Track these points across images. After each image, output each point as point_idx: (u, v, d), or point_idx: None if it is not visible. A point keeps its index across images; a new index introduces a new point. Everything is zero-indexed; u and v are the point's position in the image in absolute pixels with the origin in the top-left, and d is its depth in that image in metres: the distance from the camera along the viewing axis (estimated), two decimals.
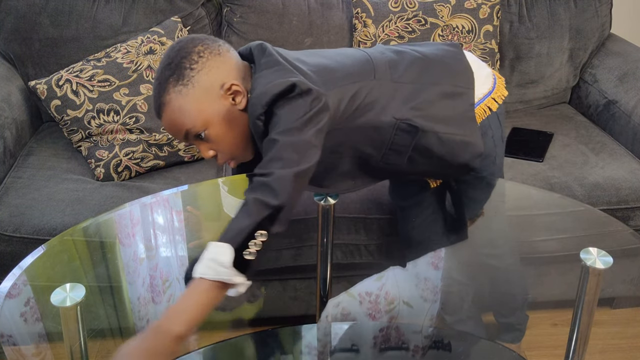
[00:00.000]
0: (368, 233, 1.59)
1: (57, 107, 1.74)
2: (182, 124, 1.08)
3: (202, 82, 1.07)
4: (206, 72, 1.07)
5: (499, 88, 1.31)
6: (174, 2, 1.97)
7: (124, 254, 1.34)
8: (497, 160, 1.35)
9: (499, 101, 1.29)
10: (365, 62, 1.19)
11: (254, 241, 0.93)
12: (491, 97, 1.29)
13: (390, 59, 1.22)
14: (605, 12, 2.16)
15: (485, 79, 1.29)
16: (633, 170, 1.76)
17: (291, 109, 1.03)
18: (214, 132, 1.09)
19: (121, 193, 1.63)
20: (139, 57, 1.81)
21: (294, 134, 1.01)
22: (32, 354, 1.08)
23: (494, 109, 1.29)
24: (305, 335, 1.36)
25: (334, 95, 1.11)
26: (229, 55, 1.11)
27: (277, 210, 0.95)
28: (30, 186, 1.64)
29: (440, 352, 1.31)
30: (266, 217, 0.94)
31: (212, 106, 1.08)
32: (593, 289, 1.19)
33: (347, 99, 1.13)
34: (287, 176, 0.97)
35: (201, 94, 1.07)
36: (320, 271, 1.43)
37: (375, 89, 1.16)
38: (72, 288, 1.07)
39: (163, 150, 1.77)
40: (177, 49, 1.09)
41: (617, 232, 1.35)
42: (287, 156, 0.99)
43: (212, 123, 1.08)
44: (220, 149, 1.11)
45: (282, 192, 0.96)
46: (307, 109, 1.03)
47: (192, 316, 0.89)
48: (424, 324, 1.41)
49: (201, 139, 1.09)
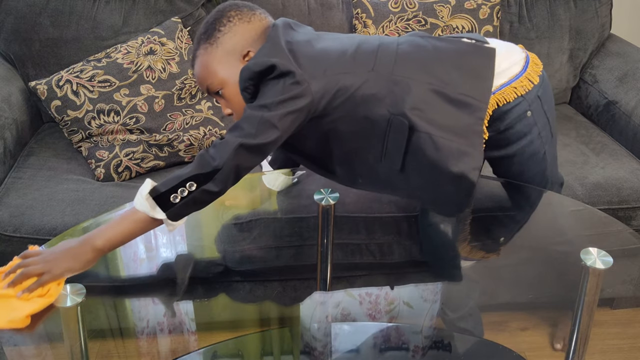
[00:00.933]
0: (369, 233, 1.59)
1: (57, 107, 1.75)
2: (205, 78, 1.19)
3: (225, 44, 1.17)
4: (231, 36, 1.17)
5: (526, 76, 1.26)
6: (174, 2, 1.97)
7: (124, 254, 1.34)
8: (547, 157, 1.32)
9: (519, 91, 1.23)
10: (369, 53, 1.19)
11: (182, 188, 1.06)
12: (511, 86, 1.23)
13: (403, 52, 1.20)
14: (605, 12, 2.16)
15: (511, 65, 1.25)
16: (634, 171, 1.76)
17: (270, 88, 1.11)
18: (228, 92, 1.18)
19: (121, 193, 1.63)
20: (139, 57, 1.81)
21: (262, 110, 1.09)
22: (32, 355, 1.08)
23: (522, 91, 1.24)
24: (305, 335, 1.36)
25: (322, 83, 1.13)
26: (259, 25, 1.19)
27: (213, 171, 1.06)
28: (30, 186, 1.64)
29: (440, 353, 1.31)
30: (202, 173, 1.06)
31: (230, 68, 1.17)
32: (593, 289, 1.19)
33: (336, 88, 1.14)
34: (233, 144, 1.06)
35: (222, 55, 1.17)
36: (320, 271, 1.43)
37: (372, 81, 1.16)
38: (72, 288, 1.07)
39: (163, 150, 1.77)
40: (216, 11, 1.20)
41: (617, 232, 1.35)
42: (245, 127, 1.08)
43: (228, 83, 1.17)
44: (235, 108, 1.20)
45: (222, 157, 1.06)
46: (283, 90, 1.09)
47: (114, 236, 1.07)
48: (424, 324, 1.41)
49: (219, 95, 1.20)
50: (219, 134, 1.85)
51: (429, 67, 1.19)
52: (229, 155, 1.06)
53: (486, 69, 1.22)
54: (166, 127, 1.79)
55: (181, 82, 1.84)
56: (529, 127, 1.27)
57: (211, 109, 1.89)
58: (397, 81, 1.17)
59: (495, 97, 1.22)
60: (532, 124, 1.27)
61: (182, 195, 1.06)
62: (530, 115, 1.26)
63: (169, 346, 1.32)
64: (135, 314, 1.35)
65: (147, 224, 1.08)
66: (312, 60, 1.14)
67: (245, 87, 1.14)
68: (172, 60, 1.85)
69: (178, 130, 1.80)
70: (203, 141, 1.82)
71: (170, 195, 1.06)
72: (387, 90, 1.16)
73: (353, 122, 1.17)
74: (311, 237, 1.52)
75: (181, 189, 1.06)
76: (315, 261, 1.44)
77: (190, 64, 1.23)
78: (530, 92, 1.25)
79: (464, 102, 1.18)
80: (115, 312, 1.34)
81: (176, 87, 1.83)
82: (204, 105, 1.88)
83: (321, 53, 1.16)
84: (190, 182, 1.06)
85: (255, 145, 1.07)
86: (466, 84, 1.19)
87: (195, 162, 1.07)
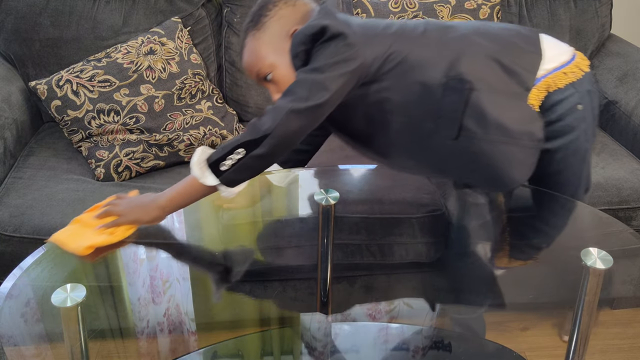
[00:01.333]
0: (369, 233, 1.59)
1: (57, 107, 1.74)
2: (254, 65, 1.20)
3: (272, 28, 1.19)
4: (276, 20, 1.19)
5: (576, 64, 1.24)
6: (174, 2, 1.97)
7: (124, 254, 1.34)
8: (587, 157, 1.30)
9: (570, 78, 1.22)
10: (417, 24, 1.20)
11: (231, 155, 1.09)
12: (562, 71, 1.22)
13: (450, 23, 1.21)
14: (605, 12, 2.16)
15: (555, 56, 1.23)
16: (634, 171, 1.76)
17: (322, 51, 1.11)
18: (278, 74, 1.18)
19: (121, 193, 1.63)
20: (139, 57, 1.81)
21: (313, 73, 1.09)
22: (32, 355, 1.08)
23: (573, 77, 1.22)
24: (305, 335, 1.36)
25: (373, 47, 1.14)
26: (304, 9, 1.21)
27: (263, 136, 1.07)
28: (30, 186, 1.64)
29: (440, 352, 1.31)
30: (252, 139, 1.07)
31: (278, 49, 1.18)
32: (593, 289, 1.19)
33: (388, 52, 1.15)
34: (284, 109, 1.07)
35: (270, 39, 1.19)
36: (320, 271, 1.43)
37: (424, 45, 1.16)
38: (72, 288, 1.07)
39: (163, 150, 1.77)
40: (260, 1, 1.22)
41: (617, 232, 1.35)
42: (297, 91, 1.09)
43: (277, 65, 1.18)
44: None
45: (273, 122, 1.07)
46: (335, 52, 1.10)
47: (176, 199, 1.15)
48: (424, 324, 1.41)
49: (269, 81, 1.20)
50: (219, 133, 1.85)
51: (480, 34, 1.19)
52: (279, 120, 1.07)
53: (535, 42, 1.22)
54: (166, 127, 1.79)
55: (181, 82, 1.84)
56: (577, 122, 1.23)
57: (211, 109, 1.89)
58: (449, 45, 1.17)
59: (546, 81, 1.20)
60: (580, 118, 1.23)
61: (231, 162, 1.08)
62: (580, 109, 1.23)
63: (169, 346, 1.32)
64: (135, 314, 1.35)
65: (202, 190, 1.13)
66: (363, 26, 1.16)
67: (296, 53, 1.14)
68: (172, 60, 1.85)
69: (178, 130, 1.80)
70: (203, 141, 1.82)
71: (221, 163, 1.09)
72: (439, 54, 1.16)
73: (405, 89, 1.16)
74: (311, 238, 1.52)
75: (230, 156, 1.08)
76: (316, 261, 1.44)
77: (240, 56, 1.25)
78: (582, 84, 1.23)
79: (514, 70, 1.17)
80: (115, 312, 1.34)
81: (176, 87, 1.83)
82: (204, 105, 1.88)
83: (371, 22, 1.19)
84: (240, 148, 1.08)
85: (306, 108, 1.07)
86: (517, 54, 1.19)
87: (247, 129, 1.10)
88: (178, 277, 1.35)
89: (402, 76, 1.15)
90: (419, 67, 1.15)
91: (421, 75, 1.15)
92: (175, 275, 1.36)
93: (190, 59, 1.89)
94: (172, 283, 1.35)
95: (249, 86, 2.01)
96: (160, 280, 1.34)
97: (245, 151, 1.08)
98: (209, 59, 2.01)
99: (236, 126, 1.93)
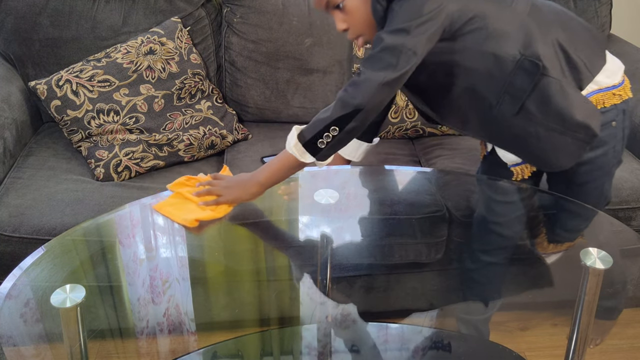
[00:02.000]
0: (369, 234, 1.59)
1: (57, 107, 1.74)
2: None
3: None
4: None
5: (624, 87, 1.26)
6: (174, 2, 1.97)
7: (124, 254, 1.34)
8: (612, 173, 1.32)
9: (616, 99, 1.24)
10: None
11: (327, 133, 1.11)
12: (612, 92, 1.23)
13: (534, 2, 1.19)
14: (605, 12, 2.16)
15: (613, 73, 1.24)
16: (633, 171, 1.76)
17: (407, 8, 1.07)
18: (351, 4, 1.15)
19: (121, 193, 1.63)
20: (139, 57, 1.81)
21: (401, 36, 1.06)
22: (31, 355, 1.08)
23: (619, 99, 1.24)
24: (305, 335, 1.36)
25: (460, 4, 1.11)
26: None
27: (356, 111, 1.06)
28: (30, 186, 1.64)
29: (440, 353, 1.31)
30: (344, 115, 1.08)
31: None
32: (593, 289, 1.19)
33: (473, 13, 1.12)
34: (375, 81, 1.06)
35: None
36: (320, 271, 1.43)
37: (508, 17, 1.14)
38: (72, 289, 1.07)
39: (163, 150, 1.77)
40: None
41: (617, 232, 1.35)
42: (386, 58, 1.06)
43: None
44: (353, 22, 1.17)
45: (364, 95, 1.06)
46: (421, 12, 1.06)
47: (272, 173, 1.24)
48: (424, 324, 1.41)
49: (339, 8, 1.16)
50: (219, 133, 1.85)
51: (559, 21, 1.19)
52: (371, 93, 1.06)
53: (602, 46, 1.24)
54: (166, 127, 1.79)
55: (181, 81, 1.84)
56: (609, 137, 1.25)
57: (211, 109, 1.89)
58: (531, 24, 1.15)
59: (597, 97, 1.22)
60: (612, 135, 1.25)
61: (327, 140, 1.12)
62: (614, 126, 1.25)
63: (169, 346, 1.32)
64: (135, 314, 1.35)
65: (298, 166, 1.21)
66: None
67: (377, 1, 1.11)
68: (172, 60, 1.85)
69: (178, 130, 1.80)
70: (202, 141, 1.82)
71: (317, 141, 1.13)
72: (520, 31, 1.14)
73: (478, 56, 1.15)
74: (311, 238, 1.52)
75: (326, 134, 1.11)
76: None
77: None
78: (621, 103, 1.25)
79: (577, 66, 1.18)
80: (115, 312, 1.34)
81: (176, 86, 1.83)
82: (204, 104, 1.88)
83: None
84: (333, 126, 1.09)
85: (397, 77, 1.07)
86: (585, 50, 1.20)
87: (336, 104, 1.10)
88: (178, 277, 1.35)
89: (479, 43, 1.14)
90: (497, 38, 1.14)
91: (498, 47, 1.14)
92: (175, 275, 1.36)
93: (190, 59, 1.89)
94: (171, 283, 1.35)
95: (249, 86, 2.01)
96: (160, 280, 1.34)
97: (338, 128, 1.10)
98: (208, 59, 2.01)
99: (236, 126, 1.92)
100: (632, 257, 1.31)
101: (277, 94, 2.02)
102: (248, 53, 1.99)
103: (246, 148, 1.89)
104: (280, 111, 2.04)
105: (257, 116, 2.06)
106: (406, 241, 1.59)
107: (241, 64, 2.00)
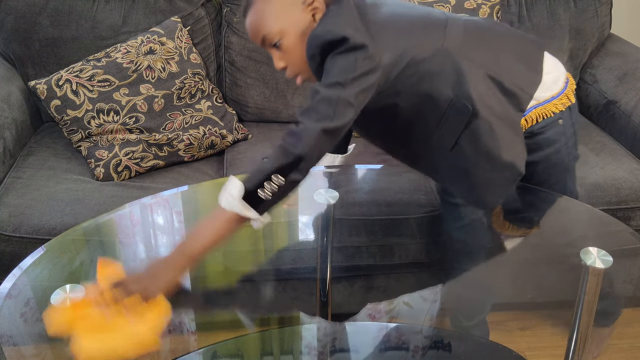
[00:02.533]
0: (368, 234, 1.59)
1: (57, 107, 1.74)
2: (262, 28, 1.13)
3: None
4: None
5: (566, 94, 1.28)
6: (173, 2, 1.97)
7: (124, 254, 1.34)
8: (569, 169, 1.34)
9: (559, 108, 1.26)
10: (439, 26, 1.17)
11: (268, 182, 1.02)
12: (552, 103, 1.25)
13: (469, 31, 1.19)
14: (605, 12, 2.16)
15: (552, 83, 1.26)
16: (633, 171, 1.76)
17: (341, 62, 1.07)
18: (287, 42, 1.13)
19: (121, 193, 1.63)
20: (139, 57, 1.81)
21: (336, 89, 1.05)
22: (32, 355, 1.08)
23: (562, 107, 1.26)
24: (305, 335, 1.36)
25: (393, 56, 1.11)
26: None
27: (297, 160, 1.02)
28: (30, 186, 1.64)
29: (440, 352, 1.31)
30: (286, 164, 1.02)
31: (291, 17, 1.12)
32: (593, 289, 1.19)
33: (406, 60, 1.12)
34: (315, 129, 1.03)
35: (284, 3, 1.12)
36: (320, 272, 1.43)
37: (440, 58, 1.15)
38: (72, 289, 1.07)
39: (163, 150, 1.77)
40: None
41: (617, 232, 1.35)
42: (322, 110, 1.04)
43: (288, 33, 1.12)
44: (291, 61, 1.15)
45: (306, 144, 1.02)
46: (355, 66, 1.06)
47: (207, 241, 1.03)
48: (424, 324, 1.41)
49: (276, 47, 1.14)
50: (219, 133, 1.85)
51: (492, 52, 1.19)
52: (312, 141, 1.03)
53: (538, 62, 1.23)
54: (166, 127, 1.79)
55: (181, 81, 1.84)
56: (558, 135, 1.27)
57: (211, 109, 1.89)
58: (463, 62, 1.15)
59: (536, 111, 1.24)
60: (561, 132, 1.28)
61: (272, 188, 1.03)
62: (561, 124, 1.27)
63: (169, 346, 1.32)
64: None
65: (236, 223, 1.04)
66: (383, 27, 1.11)
67: (312, 54, 1.10)
68: (172, 60, 1.85)
69: (177, 130, 1.80)
70: (202, 140, 1.82)
71: (258, 191, 1.03)
72: (453, 71, 1.15)
73: (413, 97, 1.16)
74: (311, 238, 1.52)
75: (268, 183, 1.03)
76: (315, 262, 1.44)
77: (242, 13, 1.18)
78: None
79: (513, 93, 1.19)
80: None
81: (176, 86, 1.83)
82: (204, 104, 1.88)
83: (391, 19, 1.13)
84: (276, 174, 1.02)
85: (335, 127, 1.05)
86: (519, 75, 1.20)
87: (276, 153, 1.04)
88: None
89: (414, 85, 1.15)
90: (432, 80, 1.15)
91: (433, 88, 1.15)
92: None
93: (190, 59, 1.89)
94: None
95: (249, 86, 2.01)
96: None
97: (282, 176, 1.03)
98: (208, 59, 2.01)
99: (236, 126, 1.92)
100: (632, 257, 1.31)
101: (277, 94, 2.02)
102: (248, 53, 1.99)
103: (246, 148, 1.89)
104: (280, 111, 2.04)
105: (257, 116, 2.06)
106: (404, 241, 1.59)
107: (241, 63, 2.00)
